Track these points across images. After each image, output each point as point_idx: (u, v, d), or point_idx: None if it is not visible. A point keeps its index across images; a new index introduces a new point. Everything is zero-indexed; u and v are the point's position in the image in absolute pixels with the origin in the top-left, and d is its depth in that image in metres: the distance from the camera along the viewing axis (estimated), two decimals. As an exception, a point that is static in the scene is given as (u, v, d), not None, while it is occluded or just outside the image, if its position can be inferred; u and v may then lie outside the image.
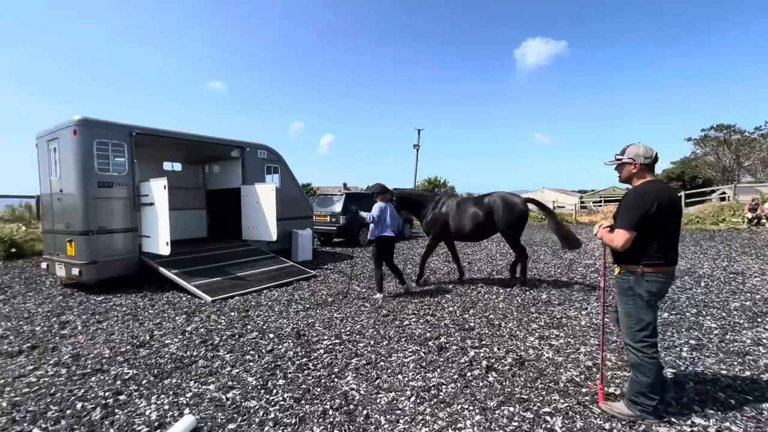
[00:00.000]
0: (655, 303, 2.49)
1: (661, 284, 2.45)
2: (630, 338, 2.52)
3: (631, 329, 2.51)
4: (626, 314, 2.53)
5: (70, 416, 2.64)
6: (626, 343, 2.57)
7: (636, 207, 2.40)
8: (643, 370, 2.45)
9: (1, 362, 3.53)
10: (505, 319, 4.60)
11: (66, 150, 6.09)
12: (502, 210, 6.01)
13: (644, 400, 2.48)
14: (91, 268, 5.93)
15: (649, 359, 2.44)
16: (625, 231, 2.39)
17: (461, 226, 6.20)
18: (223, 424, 2.55)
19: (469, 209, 6.20)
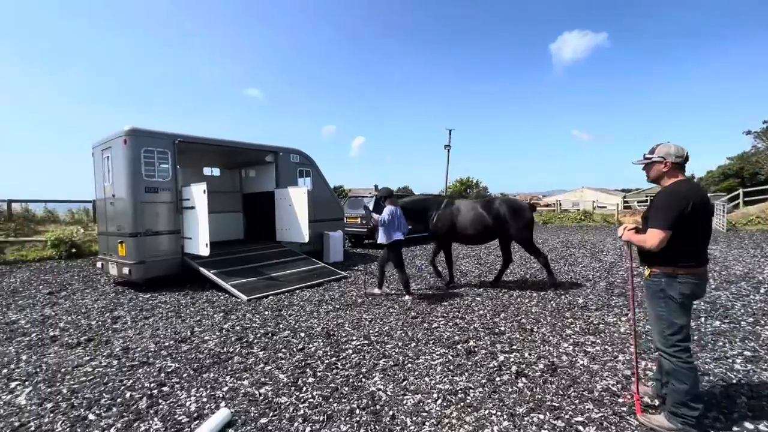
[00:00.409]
0: (689, 305, 2.38)
1: (694, 286, 2.35)
2: (663, 343, 2.42)
3: (663, 333, 2.41)
4: (658, 318, 2.44)
5: (120, 404, 2.87)
6: (658, 349, 2.47)
7: (671, 206, 2.31)
8: (680, 376, 2.33)
9: (62, 353, 3.89)
10: (538, 324, 4.47)
11: (117, 158, 6.59)
12: (510, 214, 6.05)
13: (686, 411, 2.34)
14: (139, 268, 6.38)
15: (684, 364, 2.33)
16: (660, 230, 2.30)
17: (467, 228, 6.22)
18: (256, 418, 2.67)
19: (476, 212, 6.21)
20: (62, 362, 3.64)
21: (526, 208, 6.20)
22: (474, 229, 6.17)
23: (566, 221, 21.13)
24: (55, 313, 5.33)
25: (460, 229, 6.25)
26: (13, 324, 4.85)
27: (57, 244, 10.66)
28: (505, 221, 6.04)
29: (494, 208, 6.12)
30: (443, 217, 6.35)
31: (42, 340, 4.27)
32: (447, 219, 6.32)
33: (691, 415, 2.32)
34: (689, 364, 2.34)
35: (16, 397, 3.00)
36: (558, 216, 22.43)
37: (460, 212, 6.30)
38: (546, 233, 15.95)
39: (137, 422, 2.63)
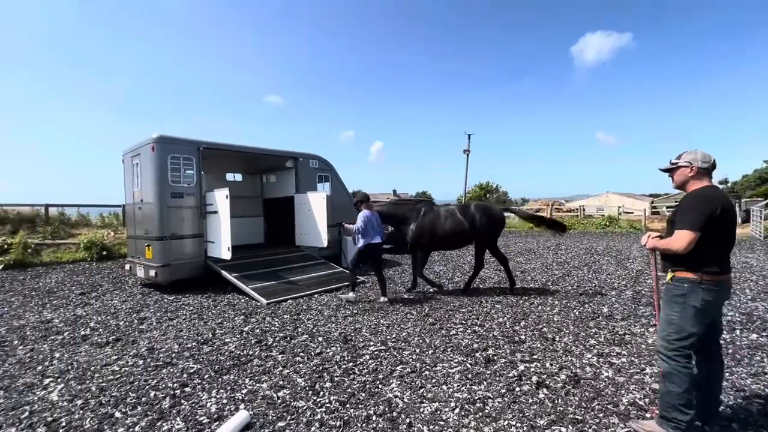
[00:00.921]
0: (707, 314, 2.32)
1: (717, 293, 2.30)
2: (664, 345, 2.38)
3: (668, 337, 2.36)
4: (667, 321, 2.39)
5: (144, 403, 2.96)
6: (658, 351, 2.43)
7: (700, 209, 2.26)
8: (675, 380, 2.29)
9: (92, 351, 4.05)
10: (560, 333, 4.34)
11: (146, 164, 6.86)
12: (484, 218, 6.19)
13: (677, 415, 2.28)
14: (165, 270, 6.59)
15: (683, 369, 2.29)
16: (689, 231, 2.24)
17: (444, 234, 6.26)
18: (274, 421, 2.70)
19: (454, 218, 6.27)
20: (92, 361, 3.79)
21: (499, 213, 6.45)
22: (453, 235, 6.24)
23: (590, 227, 20.53)
24: (86, 313, 5.57)
25: (440, 235, 6.28)
26: (48, 323, 5.09)
27: (89, 246, 11.16)
28: (480, 226, 6.16)
29: (470, 213, 6.24)
30: (424, 224, 6.34)
31: (74, 338, 4.46)
32: (428, 225, 6.32)
33: (683, 420, 2.26)
34: (688, 369, 2.30)
35: (49, 393, 3.14)
36: (581, 222, 21.83)
37: (439, 218, 6.33)
38: (568, 239, 15.53)
39: (160, 421, 2.70)
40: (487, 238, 6.32)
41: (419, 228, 6.33)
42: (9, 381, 3.37)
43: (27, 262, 10.03)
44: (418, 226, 6.34)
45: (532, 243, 14.26)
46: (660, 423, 2.37)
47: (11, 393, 3.15)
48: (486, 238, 6.31)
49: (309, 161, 9.10)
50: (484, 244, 6.37)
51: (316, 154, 9.29)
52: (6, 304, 6.19)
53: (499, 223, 6.40)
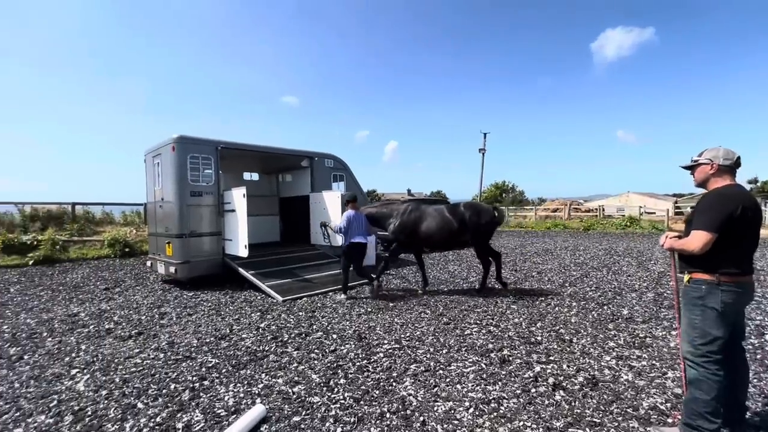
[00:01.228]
0: (730, 316, 2.23)
1: (738, 295, 2.21)
2: (690, 350, 2.29)
3: (693, 341, 2.28)
4: (690, 325, 2.31)
5: (165, 395, 3.05)
6: (685, 357, 2.35)
7: (718, 208, 2.18)
8: (703, 386, 2.20)
9: (116, 344, 4.19)
10: (578, 335, 4.26)
11: (166, 164, 7.04)
12: (474, 217, 6.08)
13: (702, 423, 2.19)
14: (184, 267, 6.76)
15: (713, 375, 2.19)
16: (705, 232, 2.17)
17: (431, 233, 6.19)
18: (289, 415, 2.74)
19: (442, 217, 6.19)
20: (116, 353, 3.92)
21: (490, 212, 6.30)
22: (440, 235, 6.16)
23: (609, 228, 20.03)
24: (110, 307, 5.76)
25: (425, 234, 6.23)
26: (75, 316, 5.29)
27: (112, 243, 11.54)
28: (471, 225, 6.06)
29: (459, 213, 6.13)
30: (405, 223, 6.33)
31: (99, 332, 4.63)
32: (410, 225, 6.31)
33: (709, 428, 2.18)
34: (717, 376, 2.20)
35: (76, 383, 3.27)
36: (600, 222, 21.31)
37: (425, 217, 6.28)
38: (587, 240, 15.20)
39: (180, 413, 2.78)
40: (478, 237, 6.19)
41: (400, 225, 6.35)
42: (39, 371, 3.52)
43: (55, 258, 10.44)
44: (400, 224, 6.36)
45: (549, 243, 14.01)
46: (683, 430, 2.30)
47: (41, 382, 3.29)
48: (477, 237, 6.19)
49: (324, 160, 9.18)
50: (477, 243, 6.27)
51: (331, 154, 9.36)
52: (36, 297, 6.46)
53: (490, 221, 6.23)
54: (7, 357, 3.87)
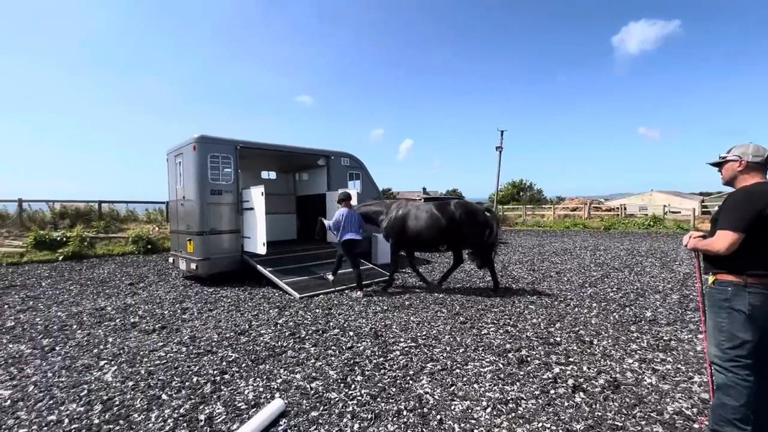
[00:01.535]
0: (758, 319, 2.13)
1: (767, 297, 2.11)
2: (718, 355, 2.21)
3: (721, 345, 2.19)
4: (716, 328, 2.23)
5: (188, 387, 3.14)
6: (712, 361, 2.26)
7: (746, 207, 2.10)
8: (732, 392, 2.11)
9: (140, 337, 4.34)
10: (598, 337, 4.17)
11: (187, 163, 7.23)
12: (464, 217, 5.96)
13: (731, 430, 2.12)
14: (205, 264, 6.93)
15: (742, 381, 2.10)
16: (731, 232, 2.09)
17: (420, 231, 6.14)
18: (307, 411, 2.78)
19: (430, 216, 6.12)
20: (141, 346, 4.06)
21: (481, 213, 6.17)
22: (429, 234, 6.09)
23: (631, 227, 19.48)
24: (135, 302, 5.96)
25: (413, 233, 6.19)
26: (102, 310, 5.50)
27: (136, 240, 11.93)
28: (460, 225, 5.97)
29: (449, 212, 6.05)
30: (395, 221, 6.33)
31: (124, 325, 4.80)
32: (399, 223, 6.30)
33: None
34: (747, 381, 2.11)
35: (104, 374, 3.40)
36: (622, 221, 20.74)
37: (413, 216, 6.24)
38: (608, 239, 14.82)
39: (202, 405, 2.86)
40: (466, 237, 6.07)
41: (390, 223, 6.38)
42: (70, 362, 3.68)
43: (83, 254, 10.87)
44: (390, 222, 6.39)
45: (568, 243, 13.73)
46: None
47: (72, 372, 3.44)
48: (464, 237, 6.07)
49: (340, 159, 9.24)
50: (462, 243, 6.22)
51: (347, 152, 9.41)
52: (66, 291, 6.74)
53: (481, 223, 6.05)
54: (40, 348, 4.05)
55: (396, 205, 6.55)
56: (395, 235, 6.37)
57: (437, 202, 6.51)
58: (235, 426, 2.59)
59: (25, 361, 3.70)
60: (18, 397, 3.01)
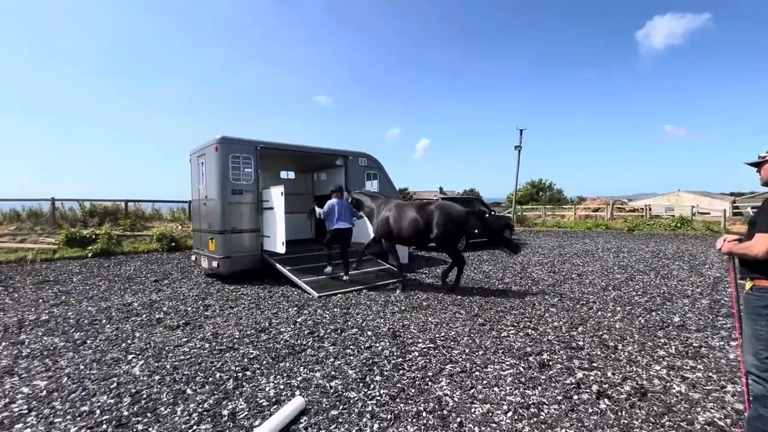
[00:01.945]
0: None
1: None
2: (756, 364, 2.11)
3: (759, 354, 2.10)
4: (754, 336, 2.13)
5: (211, 383, 3.22)
6: (749, 371, 2.16)
7: None
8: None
9: (166, 333, 4.47)
10: (623, 342, 4.05)
11: (210, 163, 7.40)
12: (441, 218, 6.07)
13: None
14: (226, 262, 7.09)
15: None
16: None
17: (401, 230, 6.36)
18: (327, 409, 2.81)
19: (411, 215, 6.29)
20: (166, 341, 4.18)
21: (459, 213, 6.18)
22: (409, 233, 6.28)
23: (657, 228, 18.82)
24: (160, 298, 6.15)
25: (397, 231, 6.41)
26: (129, 306, 5.70)
27: (160, 238, 12.30)
28: (436, 225, 6.07)
29: (427, 212, 6.19)
30: (381, 220, 6.60)
31: (150, 321, 4.96)
32: (385, 221, 6.54)
33: None
34: None
35: (132, 368, 3.52)
36: (647, 222, 20.07)
37: (397, 215, 6.43)
38: (632, 241, 14.36)
39: (225, 400, 2.93)
40: (443, 238, 6.12)
41: (378, 221, 6.68)
42: (100, 355, 3.83)
43: (111, 251, 11.28)
44: (378, 220, 6.68)
45: (590, 244, 13.38)
46: None
47: (102, 366, 3.58)
48: (442, 238, 6.11)
49: (358, 159, 9.28)
50: (441, 243, 6.22)
51: (364, 152, 9.44)
52: (95, 287, 7.02)
53: (458, 223, 6.13)
54: (72, 341, 4.23)
55: (383, 204, 6.82)
56: (384, 232, 6.63)
57: (419, 202, 6.80)
58: (257, 422, 2.64)
59: (59, 354, 3.87)
60: (53, 387, 3.16)
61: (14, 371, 3.47)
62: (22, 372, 3.46)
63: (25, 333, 4.52)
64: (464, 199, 14.36)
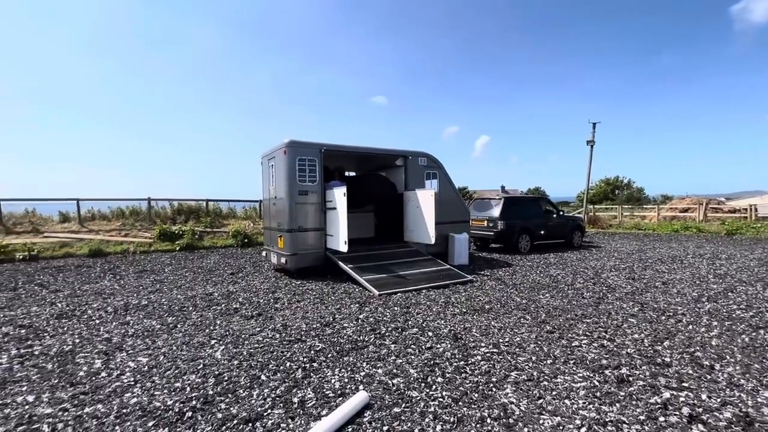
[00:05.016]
0: None
1: None
2: None
3: None
4: None
5: (282, 371, 3.45)
6: None
7: None
8: None
9: (242, 322, 4.88)
10: (722, 361, 3.56)
11: (279, 166, 7.91)
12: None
13: None
14: (293, 259, 7.53)
15: None
16: None
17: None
18: (390, 406, 2.86)
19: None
20: (242, 330, 4.57)
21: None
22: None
23: (765, 232, 16.18)
24: (236, 290, 6.72)
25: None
26: (210, 296, 6.31)
27: (235, 235, 13.44)
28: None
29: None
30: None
31: (228, 310, 5.44)
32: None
33: None
34: None
35: (215, 352, 3.90)
36: (752, 225, 17.35)
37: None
38: (731, 246, 12.50)
39: (295, 389, 3.12)
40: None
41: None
42: (188, 338, 4.30)
43: (194, 246, 12.58)
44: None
45: (677, 249, 11.94)
46: None
47: (190, 348, 4.01)
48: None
49: (417, 159, 9.28)
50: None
51: (424, 152, 9.41)
52: (183, 277, 7.88)
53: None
54: (166, 324, 4.80)
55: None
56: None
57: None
58: (324, 412, 2.77)
59: (156, 335, 4.42)
60: (152, 364, 3.62)
61: (123, 347, 4.04)
62: (129, 348, 4.01)
63: (130, 315, 5.23)
64: (530, 198, 13.63)
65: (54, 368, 3.57)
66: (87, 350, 3.99)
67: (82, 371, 3.49)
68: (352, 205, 8.37)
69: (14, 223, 13.01)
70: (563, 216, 13.02)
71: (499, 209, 11.36)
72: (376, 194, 9.65)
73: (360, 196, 9.21)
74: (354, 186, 8.82)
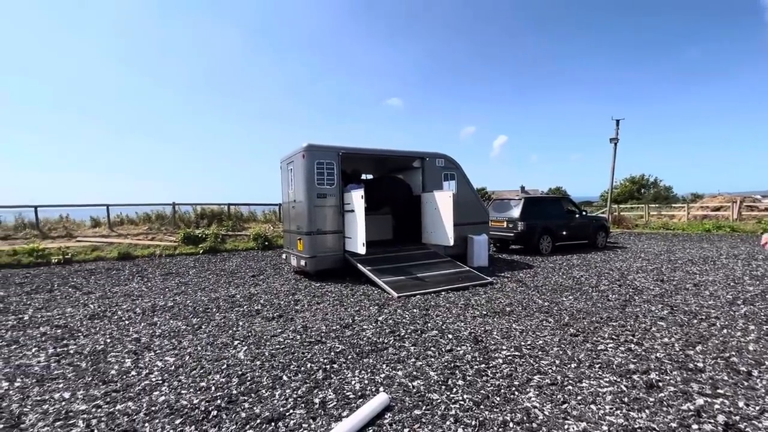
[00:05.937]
0: None
1: None
2: None
3: None
4: None
5: (303, 372, 3.49)
6: None
7: None
8: None
9: (263, 323, 4.97)
10: (760, 368, 3.38)
11: (297, 169, 8.03)
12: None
13: None
14: (312, 261, 7.62)
15: None
16: None
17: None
18: (410, 408, 2.85)
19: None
20: (264, 331, 4.65)
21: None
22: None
23: (806, 231, 15.26)
24: (257, 292, 6.85)
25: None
26: (233, 297, 6.45)
27: (256, 237, 13.70)
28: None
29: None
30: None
31: (250, 312, 5.55)
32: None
33: None
34: None
35: (238, 352, 3.99)
36: (790, 224, 16.42)
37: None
38: None
39: (316, 390, 3.15)
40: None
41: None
42: (212, 339, 4.41)
43: (217, 249, 12.90)
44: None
45: (709, 249, 11.42)
46: None
47: (214, 348, 4.12)
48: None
49: (435, 160, 9.24)
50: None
51: (442, 153, 9.36)
52: (206, 280, 8.10)
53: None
54: (191, 325, 4.94)
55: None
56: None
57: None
58: (345, 413, 2.79)
59: (182, 336, 4.56)
60: (179, 363, 3.73)
61: (151, 347, 4.19)
62: (156, 348, 4.15)
63: (157, 316, 5.41)
64: (551, 198, 13.33)
65: (87, 367, 3.73)
66: (118, 350, 4.15)
67: (113, 370, 3.63)
68: (370, 207, 8.42)
69: (50, 228, 13.70)
70: (586, 216, 12.68)
71: (519, 210, 11.17)
72: (393, 196, 9.66)
73: (377, 199, 9.25)
74: (371, 188, 8.87)
